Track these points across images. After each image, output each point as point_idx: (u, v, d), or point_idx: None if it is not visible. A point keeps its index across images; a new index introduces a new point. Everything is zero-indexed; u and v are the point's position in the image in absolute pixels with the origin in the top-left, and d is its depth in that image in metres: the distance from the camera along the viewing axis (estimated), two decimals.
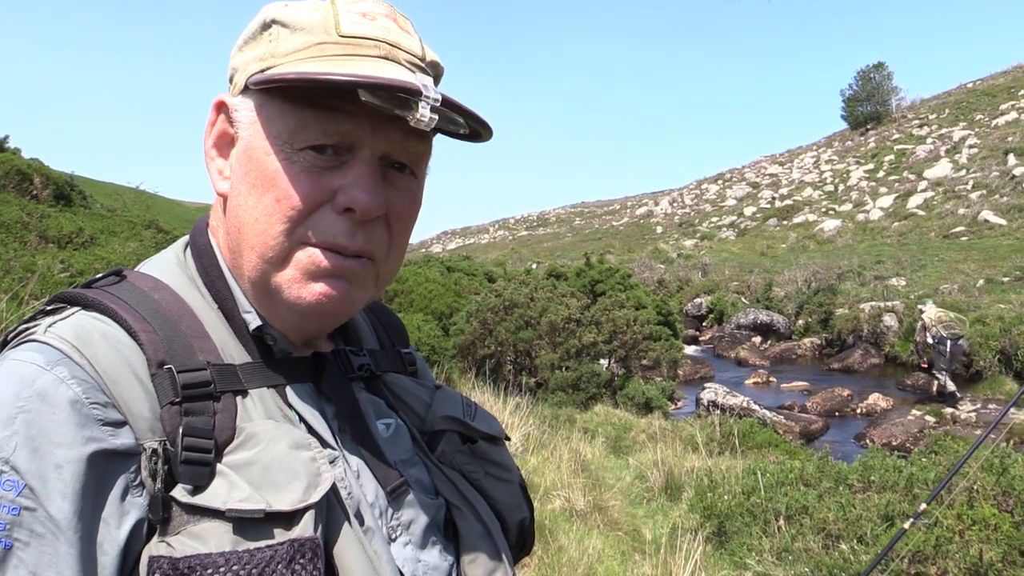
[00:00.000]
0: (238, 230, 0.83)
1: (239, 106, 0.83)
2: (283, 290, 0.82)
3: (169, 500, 0.71)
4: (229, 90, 0.86)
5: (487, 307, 12.72)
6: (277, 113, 0.79)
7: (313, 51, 0.78)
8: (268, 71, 0.79)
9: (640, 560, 5.32)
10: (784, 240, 37.15)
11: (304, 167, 0.79)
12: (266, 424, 0.78)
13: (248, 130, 0.82)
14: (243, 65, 0.83)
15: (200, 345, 0.80)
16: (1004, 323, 15.86)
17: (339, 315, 0.88)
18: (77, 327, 0.75)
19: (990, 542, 4.29)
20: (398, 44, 0.81)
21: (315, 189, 0.79)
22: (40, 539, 0.65)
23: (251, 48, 0.83)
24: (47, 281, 7.54)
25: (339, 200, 0.80)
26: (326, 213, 0.80)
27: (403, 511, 0.87)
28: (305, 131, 0.78)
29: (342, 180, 0.80)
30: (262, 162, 0.80)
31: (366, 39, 0.79)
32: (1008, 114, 42.72)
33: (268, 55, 0.80)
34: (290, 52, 0.79)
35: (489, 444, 1.02)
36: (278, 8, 0.82)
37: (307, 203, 0.79)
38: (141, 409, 0.73)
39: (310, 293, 0.81)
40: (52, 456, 0.67)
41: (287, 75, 0.75)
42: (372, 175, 0.80)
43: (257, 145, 0.80)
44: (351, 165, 0.80)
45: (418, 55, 0.83)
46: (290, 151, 0.79)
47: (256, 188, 0.80)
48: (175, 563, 0.67)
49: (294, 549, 0.70)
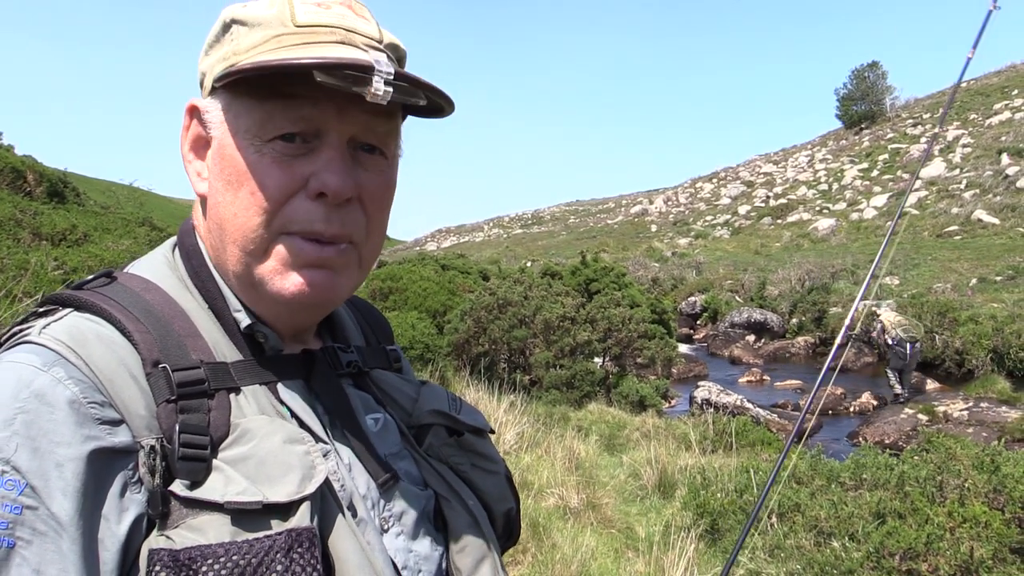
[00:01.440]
0: (219, 227, 0.85)
1: (209, 107, 0.85)
2: (266, 282, 0.83)
3: (168, 495, 0.73)
4: (200, 95, 0.88)
5: (481, 305, 12.72)
6: (244, 108, 0.81)
7: (272, 43, 0.80)
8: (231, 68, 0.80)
9: (633, 557, 5.34)
10: (778, 239, 37.23)
11: (274, 158, 0.81)
12: (260, 420, 0.80)
13: (219, 129, 0.84)
14: (210, 68, 0.85)
15: (193, 344, 0.82)
16: (997, 322, 15.89)
17: (325, 304, 0.90)
18: (72, 328, 0.76)
19: (981, 539, 4.31)
20: (354, 28, 0.83)
21: (287, 178, 0.81)
22: (43, 537, 0.66)
23: (216, 51, 0.85)
24: (40, 279, 7.52)
25: (311, 186, 0.81)
26: (300, 200, 0.82)
27: (394, 503, 0.89)
28: (271, 122, 0.80)
29: (312, 166, 0.81)
30: (234, 158, 0.82)
31: (321, 26, 0.82)
32: (1001, 114, 42.86)
33: (231, 54, 0.82)
34: (250, 48, 0.81)
35: (475, 437, 1.04)
36: (237, 8, 0.84)
37: (280, 192, 0.81)
38: (137, 408, 0.74)
39: (292, 284, 0.83)
40: (53, 455, 0.68)
41: (244, 66, 0.77)
42: (341, 158, 0.82)
43: (228, 142, 0.82)
44: (320, 150, 0.82)
45: (375, 38, 0.85)
46: (260, 143, 0.81)
47: (232, 184, 0.82)
48: (175, 555, 0.68)
49: (292, 539, 0.72)
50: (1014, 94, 46.08)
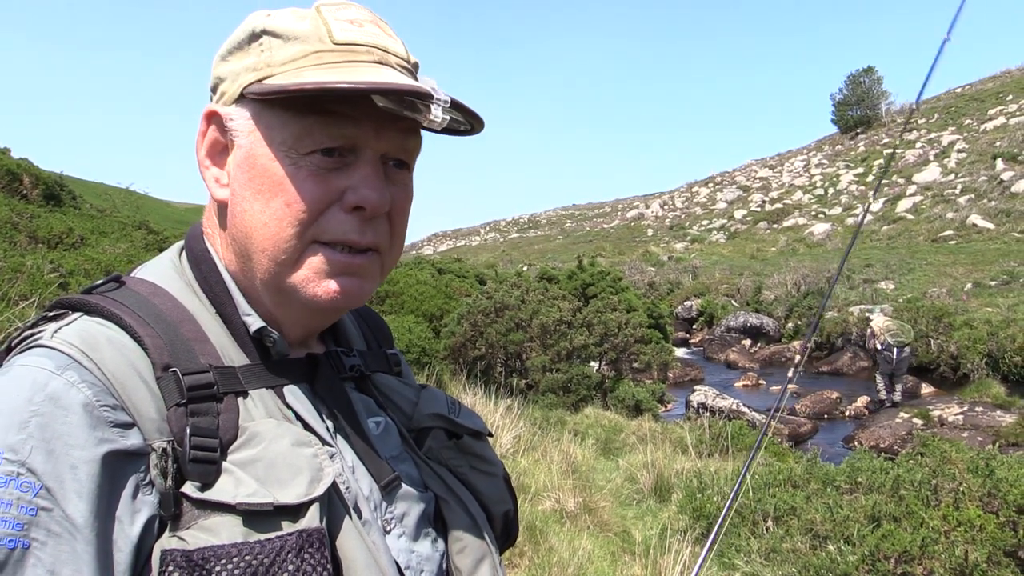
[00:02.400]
0: (245, 235, 0.85)
1: (234, 115, 0.85)
2: (298, 290, 0.85)
3: (179, 497, 0.74)
4: (212, 99, 0.88)
5: (478, 309, 12.73)
6: (278, 121, 0.82)
7: (311, 59, 0.81)
8: (267, 80, 0.81)
9: (630, 561, 5.35)
10: (774, 243, 37.28)
11: (311, 171, 0.82)
12: (268, 423, 0.81)
13: (247, 138, 0.84)
14: (232, 75, 0.85)
15: (201, 348, 0.83)
16: (991, 327, 15.94)
17: (349, 308, 0.93)
18: (83, 332, 0.77)
19: (975, 543, 4.33)
20: (387, 48, 0.85)
21: (324, 191, 0.83)
22: (57, 538, 0.67)
23: (238, 58, 0.85)
24: (37, 281, 7.50)
25: (348, 199, 0.83)
26: (335, 213, 0.84)
27: (396, 504, 0.91)
28: (310, 136, 0.81)
29: (348, 181, 0.83)
30: (267, 168, 0.83)
31: (359, 45, 0.83)
32: (996, 119, 43.00)
33: (263, 65, 0.82)
34: (287, 61, 0.81)
35: (474, 439, 1.06)
36: (264, 18, 0.84)
37: (317, 205, 0.83)
38: (148, 411, 0.76)
39: (325, 291, 0.85)
40: (67, 457, 0.69)
41: (304, 85, 0.77)
42: (377, 174, 0.85)
43: (260, 152, 0.83)
44: (356, 166, 0.84)
45: (404, 58, 0.87)
46: (296, 156, 0.82)
47: (263, 193, 0.83)
48: (188, 555, 0.70)
49: (303, 539, 0.73)
50: (1008, 99, 46.25)
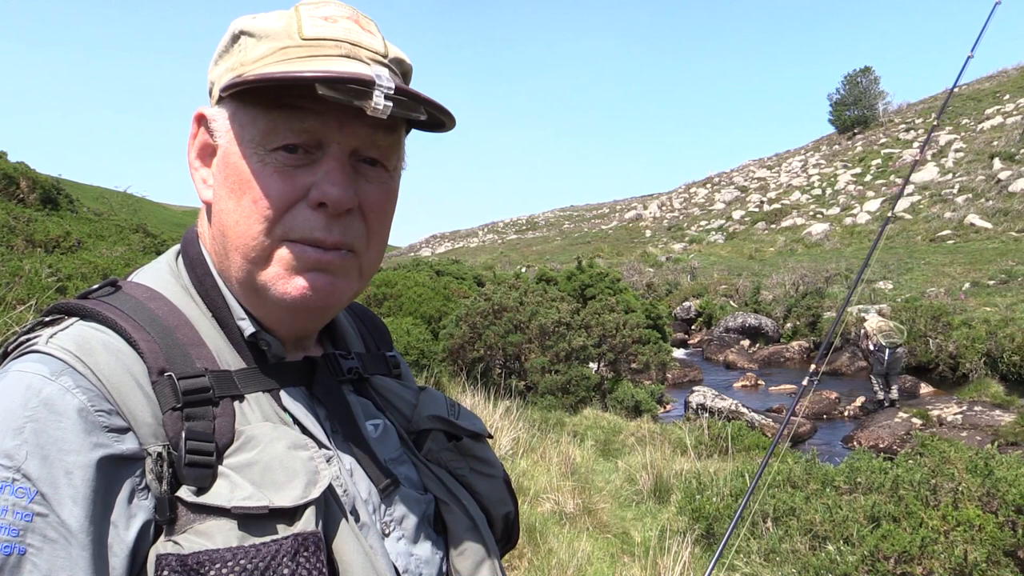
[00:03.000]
0: (222, 234, 0.86)
1: (216, 116, 0.87)
2: (269, 287, 0.85)
3: (175, 501, 0.74)
4: (209, 103, 0.90)
5: (476, 311, 12.72)
6: (249, 118, 0.83)
7: (278, 55, 0.82)
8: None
9: (629, 562, 5.34)
10: (772, 244, 37.31)
11: (276, 167, 0.82)
12: (264, 426, 0.81)
13: (224, 137, 0.85)
14: (218, 78, 0.87)
15: (197, 353, 0.83)
16: (990, 326, 15.96)
17: (327, 308, 0.91)
18: (78, 337, 0.77)
19: (975, 543, 4.34)
20: (359, 43, 0.85)
21: (288, 188, 0.83)
22: (53, 544, 0.67)
23: (224, 60, 0.87)
24: (34, 285, 7.50)
25: (312, 195, 0.83)
26: (301, 210, 0.83)
27: (395, 507, 0.90)
28: (275, 132, 0.82)
29: (313, 177, 0.83)
30: (238, 166, 0.83)
31: (327, 40, 0.83)
32: (993, 118, 43.05)
33: (238, 64, 0.84)
34: (257, 59, 0.83)
35: (473, 441, 1.05)
36: (246, 20, 0.86)
37: (282, 201, 0.83)
38: (144, 415, 0.76)
39: (294, 288, 0.85)
40: (62, 463, 0.69)
41: (247, 77, 0.79)
42: (342, 169, 0.84)
43: (232, 151, 0.84)
44: (321, 162, 0.84)
45: (380, 52, 0.86)
46: (263, 153, 0.82)
47: (235, 192, 0.84)
48: (183, 559, 0.69)
49: (298, 543, 0.73)
50: (1006, 99, 46.32)
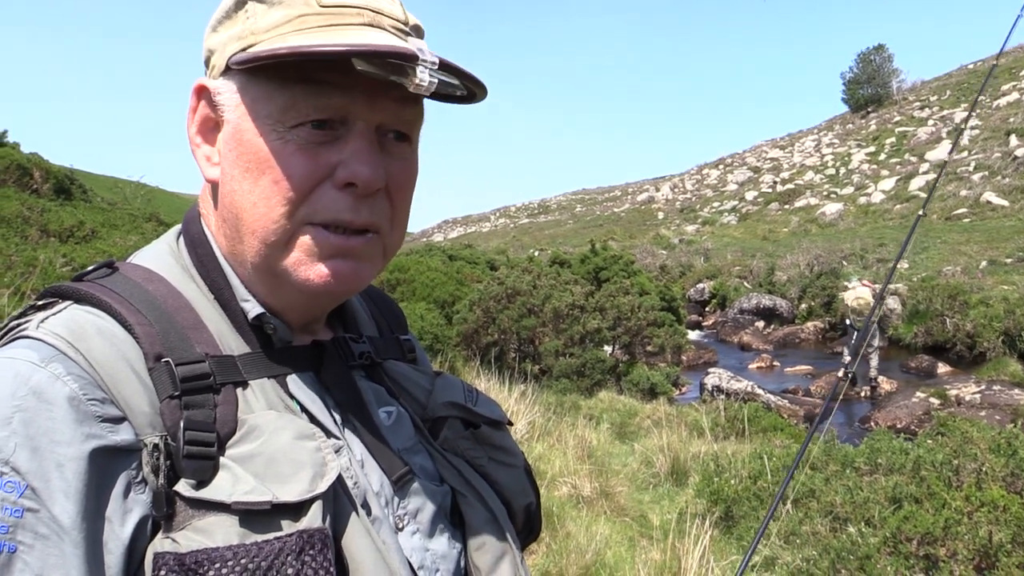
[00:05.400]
0: (235, 216, 0.80)
1: (221, 89, 0.80)
2: (290, 273, 0.79)
3: (173, 495, 0.69)
4: (206, 74, 0.83)
5: (490, 295, 12.71)
6: (263, 93, 0.77)
7: (295, 24, 0.75)
8: (250, 49, 0.76)
9: (648, 546, 5.32)
10: (786, 224, 37.09)
11: (299, 145, 0.76)
12: (268, 415, 0.76)
13: (234, 112, 0.79)
14: (220, 46, 0.80)
15: (197, 337, 0.78)
16: (1008, 304, 15.82)
17: (347, 293, 0.87)
18: (70, 322, 0.73)
19: (999, 523, 4.28)
20: (380, 10, 0.78)
21: (313, 167, 0.77)
22: (45, 540, 0.63)
23: (226, 28, 0.80)
24: (49, 275, 7.54)
25: (339, 175, 0.77)
26: (327, 190, 0.78)
27: (409, 500, 0.85)
28: (295, 108, 0.76)
29: (339, 155, 0.77)
30: (254, 144, 0.77)
31: (348, 7, 0.77)
32: (1010, 95, 42.53)
33: (247, 33, 0.77)
34: (270, 28, 0.76)
35: (492, 429, 1.00)
36: None
37: (306, 182, 0.77)
38: (140, 404, 0.71)
39: (317, 274, 0.79)
40: (53, 455, 0.65)
41: (278, 51, 0.72)
42: (371, 147, 0.78)
43: (246, 127, 0.77)
44: (347, 139, 0.78)
45: (401, 19, 0.80)
46: (282, 130, 0.76)
47: (251, 171, 0.77)
48: (181, 559, 0.65)
49: (303, 540, 0.68)
50: (1022, 75, 45.72)
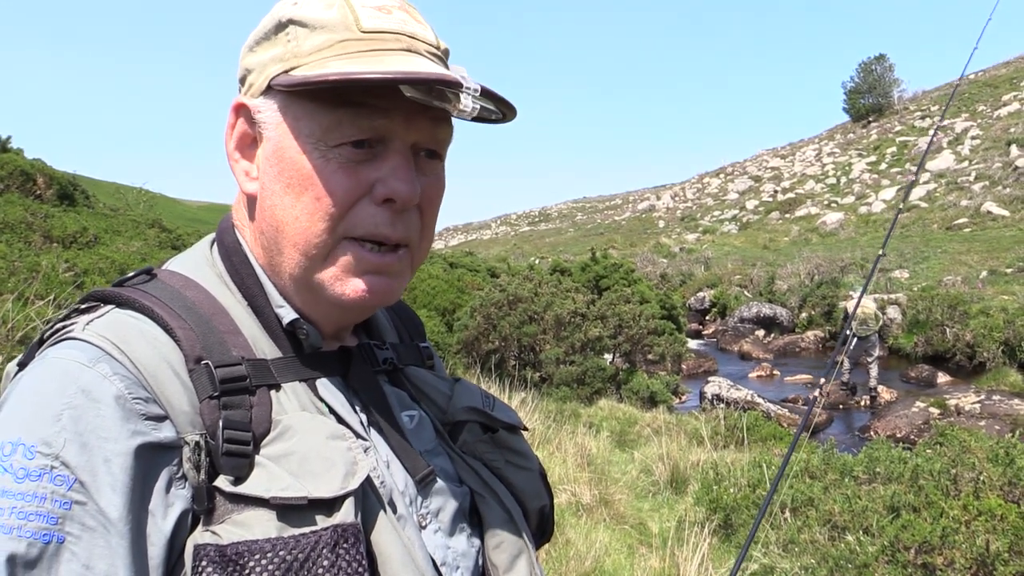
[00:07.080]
0: (276, 229, 0.84)
1: (262, 107, 0.83)
2: (326, 287, 0.84)
3: (213, 490, 0.73)
4: (240, 91, 0.87)
5: (491, 302, 12.73)
6: (306, 113, 0.80)
7: (336, 48, 0.79)
8: (294, 71, 0.79)
9: (647, 553, 5.34)
10: (786, 233, 37.12)
11: (341, 163, 0.81)
12: (301, 416, 0.80)
13: (275, 131, 0.82)
14: (259, 66, 0.83)
15: (233, 341, 0.82)
16: (1008, 315, 15.83)
17: (379, 307, 0.91)
18: (115, 325, 0.77)
19: (996, 532, 4.30)
20: (415, 35, 0.83)
21: (353, 184, 0.81)
22: (92, 532, 0.67)
23: (265, 49, 0.83)
24: (52, 281, 7.54)
25: (378, 192, 0.82)
26: (365, 206, 0.82)
27: (431, 499, 0.89)
28: (339, 129, 0.80)
29: (378, 172, 0.82)
30: (296, 161, 0.81)
31: (387, 33, 0.81)
32: (1010, 105, 42.64)
33: (290, 55, 0.81)
34: (313, 51, 0.80)
35: (509, 433, 1.04)
36: (291, 7, 0.82)
37: (347, 198, 0.81)
38: (181, 403, 0.75)
39: (353, 290, 0.84)
40: (101, 450, 0.68)
41: (328, 76, 0.76)
42: (407, 165, 0.83)
43: (288, 145, 0.81)
44: (385, 157, 0.82)
45: (434, 44, 0.85)
46: (324, 148, 0.80)
47: (293, 187, 0.82)
48: (222, 550, 0.68)
49: (338, 534, 0.72)
50: (1022, 85, 45.81)
